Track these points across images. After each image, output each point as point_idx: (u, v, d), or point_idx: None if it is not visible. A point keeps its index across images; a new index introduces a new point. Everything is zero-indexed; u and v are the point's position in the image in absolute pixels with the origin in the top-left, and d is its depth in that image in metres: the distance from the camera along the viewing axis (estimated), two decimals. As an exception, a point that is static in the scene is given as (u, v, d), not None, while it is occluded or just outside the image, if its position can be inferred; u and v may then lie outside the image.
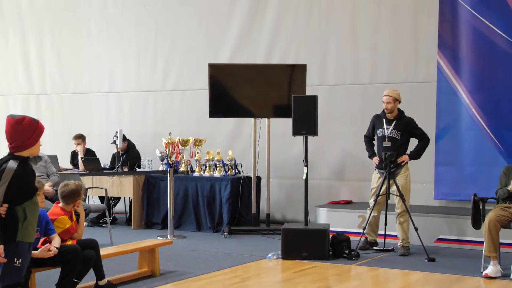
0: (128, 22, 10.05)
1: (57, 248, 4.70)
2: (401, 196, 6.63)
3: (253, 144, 8.30)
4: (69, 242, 4.98)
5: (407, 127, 6.85)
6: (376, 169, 6.93)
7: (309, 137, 6.91)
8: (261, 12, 9.07)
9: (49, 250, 4.61)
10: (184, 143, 8.31)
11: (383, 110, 6.89)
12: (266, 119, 8.22)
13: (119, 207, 9.30)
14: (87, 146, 9.08)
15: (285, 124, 7.94)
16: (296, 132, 6.85)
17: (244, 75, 8.21)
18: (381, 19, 8.41)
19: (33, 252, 4.56)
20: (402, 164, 6.76)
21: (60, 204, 5.14)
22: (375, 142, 7.05)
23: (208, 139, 8.60)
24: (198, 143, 8.44)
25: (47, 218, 4.84)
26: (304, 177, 6.84)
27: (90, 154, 8.98)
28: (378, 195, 6.71)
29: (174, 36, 9.69)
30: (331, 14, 8.69)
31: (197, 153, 8.47)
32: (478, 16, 7.55)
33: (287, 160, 8.75)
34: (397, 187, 6.63)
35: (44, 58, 10.71)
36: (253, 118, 8.28)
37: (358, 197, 8.39)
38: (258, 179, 8.41)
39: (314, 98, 6.87)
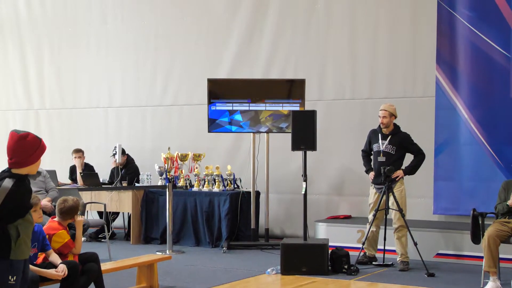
0: (127, 37, 10.08)
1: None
2: (400, 211, 6.61)
3: (252, 159, 8.29)
4: (71, 257, 4.99)
5: (402, 142, 6.86)
6: (372, 184, 6.94)
7: (308, 152, 6.89)
8: (260, 27, 9.11)
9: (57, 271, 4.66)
10: (183, 158, 8.26)
11: (379, 125, 6.91)
12: (265, 134, 8.22)
13: (118, 222, 9.27)
14: (85, 160, 9.07)
15: (284, 139, 7.94)
16: (295, 147, 6.84)
17: (243, 90, 8.23)
18: (380, 34, 8.43)
19: (43, 270, 4.59)
20: (397, 179, 6.75)
21: (57, 219, 5.13)
22: (372, 157, 7.05)
23: (207, 154, 8.57)
24: (197, 158, 8.41)
25: (44, 234, 4.84)
26: (303, 192, 6.83)
27: (88, 169, 8.97)
28: (377, 210, 6.69)
29: (173, 51, 9.71)
30: (329, 29, 8.72)
31: (196, 168, 8.43)
32: (476, 31, 7.59)
33: (286, 175, 8.73)
34: (396, 202, 6.62)
35: (43, 73, 10.73)
36: (252, 133, 8.28)
37: (357, 212, 8.36)
38: (257, 194, 8.39)
39: (313, 113, 6.87)
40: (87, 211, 8.23)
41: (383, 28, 8.42)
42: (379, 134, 6.88)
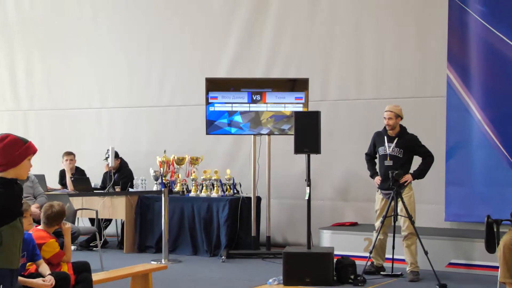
0: (120, 35, 10.07)
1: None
2: (410, 217, 6.58)
3: (253, 163, 8.27)
4: (65, 266, 5.02)
5: (409, 144, 6.84)
6: (379, 190, 6.92)
7: (311, 155, 6.87)
8: (261, 24, 9.10)
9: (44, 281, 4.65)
10: (180, 161, 8.29)
11: (385, 127, 6.90)
12: (266, 136, 8.20)
13: (111, 229, 9.26)
14: (76, 164, 9.07)
15: (286, 141, 7.91)
16: (298, 150, 6.84)
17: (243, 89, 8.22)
18: (386, 31, 8.41)
19: (29, 280, 4.57)
20: (405, 184, 6.73)
21: (42, 227, 5.13)
22: (377, 161, 7.03)
23: (205, 157, 8.57)
24: (194, 161, 8.41)
25: (34, 243, 4.81)
26: (306, 198, 6.80)
27: (80, 173, 8.96)
28: (385, 217, 6.66)
29: (169, 49, 9.68)
30: (333, 26, 8.71)
31: (193, 172, 8.44)
32: (490, 27, 7.57)
33: (289, 179, 8.71)
34: (405, 208, 6.58)
35: (32, 72, 10.71)
36: (252, 135, 8.25)
37: (363, 218, 8.33)
38: (258, 199, 8.37)
39: (316, 114, 6.86)
40: (78, 218, 8.17)
41: (390, 25, 8.39)
42: (385, 137, 6.88)
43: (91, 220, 8.74)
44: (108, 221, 8.98)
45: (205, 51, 9.42)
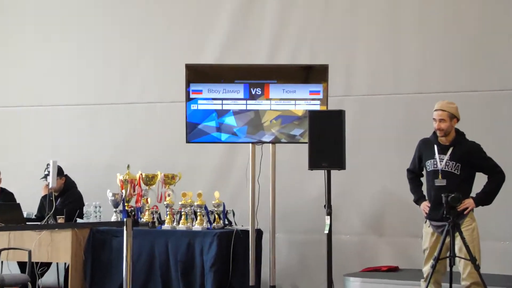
0: (70, 10, 9.92)
1: None
2: (473, 260, 6.15)
3: (251, 182, 7.92)
4: None
5: (469, 156, 6.50)
6: (427, 221, 6.61)
7: (333, 172, 6.96)
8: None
9: None
10: (149, 180, 8.26)
11: (434, 132, 6.61)
12: (270, 145, 7.92)
13: (50, 277, 8.90)
14: (1, 185, 8.83)
15: (298, 152, 7.82)
16: (314, 164, 6.94)
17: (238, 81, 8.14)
18: (434, 2, 8.35)
19: None
20: (465, 212, 6.39)
21: None
22: (424, 180, 6.73)
23: (185, 174, 8.46)
24: (169, 180, 8.31)
25: None
26: (326, 231, 6.88)
27: (7, 198, 8.75)
28: (437, 259, 6.25)
29: (138, 28, 9.61)
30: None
31: (168, 195, 8.25)
32: None
33: (301, 205, 8.59)
34: (466, 247, 6.13)
35: None
36: (250, 143, 7.96)
37: (406, 261, 8.14)
38: (259, 233, 8.14)
39: (339, 114, 6.97)
40: (2, 262, 8.13)
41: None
42: (435, 146, 6.56)
43: (22, 265, 8.44)
44: (47, 265, 8.67)
45: (186, 31, 9.42)
